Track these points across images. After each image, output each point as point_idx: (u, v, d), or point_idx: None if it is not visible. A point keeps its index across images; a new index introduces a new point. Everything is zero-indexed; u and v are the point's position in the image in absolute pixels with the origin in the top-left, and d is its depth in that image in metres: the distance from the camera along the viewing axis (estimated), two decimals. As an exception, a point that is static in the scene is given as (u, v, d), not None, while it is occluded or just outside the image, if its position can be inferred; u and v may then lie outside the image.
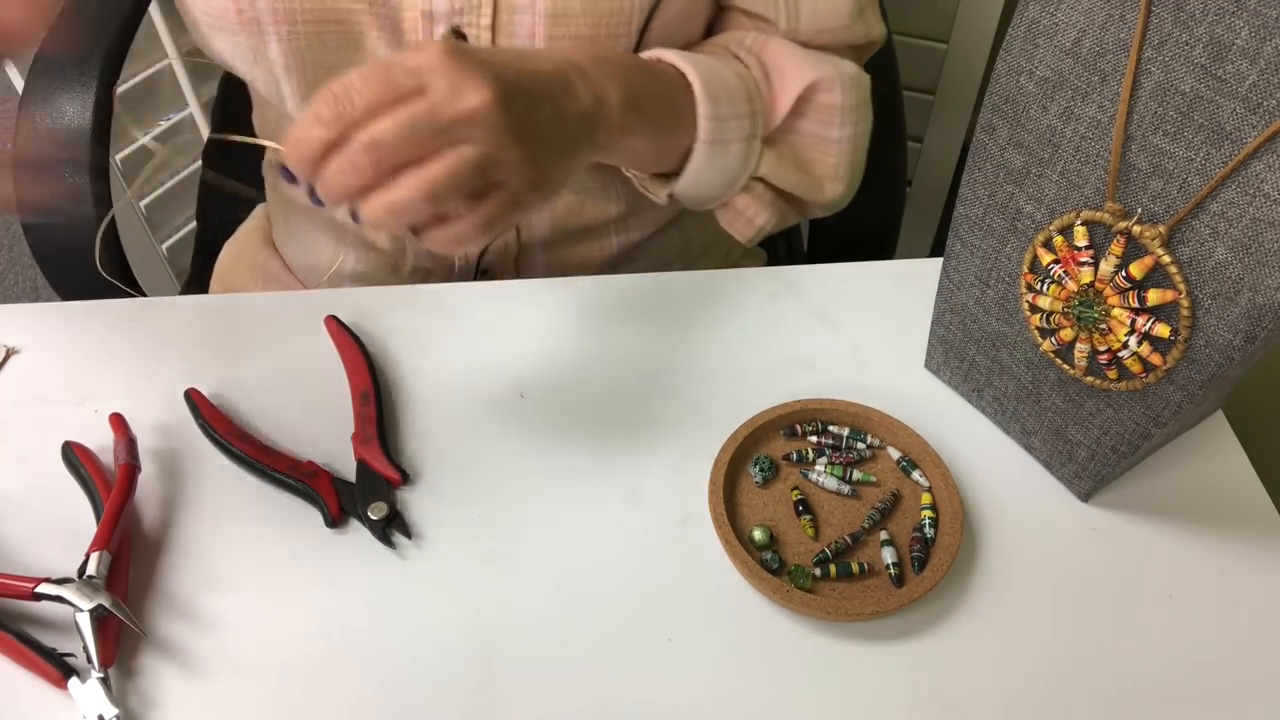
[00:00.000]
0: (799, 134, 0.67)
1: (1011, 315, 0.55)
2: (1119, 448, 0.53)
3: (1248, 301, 0.44)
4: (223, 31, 0.63)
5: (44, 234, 0.87)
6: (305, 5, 0.61)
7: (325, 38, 0.62)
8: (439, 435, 0.60)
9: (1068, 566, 0.54)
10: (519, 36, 0.62)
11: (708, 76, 0.61)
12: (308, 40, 0.62)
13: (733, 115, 0.62)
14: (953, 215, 0.56)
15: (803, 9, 0.66)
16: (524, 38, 0.62)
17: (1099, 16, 0.46)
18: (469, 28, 0.62)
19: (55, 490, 0.56)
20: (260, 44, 0.62)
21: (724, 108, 0.62)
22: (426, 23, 0.62)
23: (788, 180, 0.67)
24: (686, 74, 0.61)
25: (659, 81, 0.60)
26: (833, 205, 0.71)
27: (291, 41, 0.62)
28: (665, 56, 0.62)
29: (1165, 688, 0.50)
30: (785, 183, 0.67)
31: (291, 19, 0.61)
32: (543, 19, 0.61)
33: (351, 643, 0.51)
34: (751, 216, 0.68)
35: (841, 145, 0.67)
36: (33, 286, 1.77)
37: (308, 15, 0.61)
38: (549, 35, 0.61)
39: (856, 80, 0.67)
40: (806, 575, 0.52)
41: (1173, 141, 0.44)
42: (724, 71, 0.63)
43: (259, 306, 0.67)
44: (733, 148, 0.63)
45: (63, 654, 0.48)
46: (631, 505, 0.56)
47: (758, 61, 0.66)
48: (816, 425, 0.60)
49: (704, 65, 0.62)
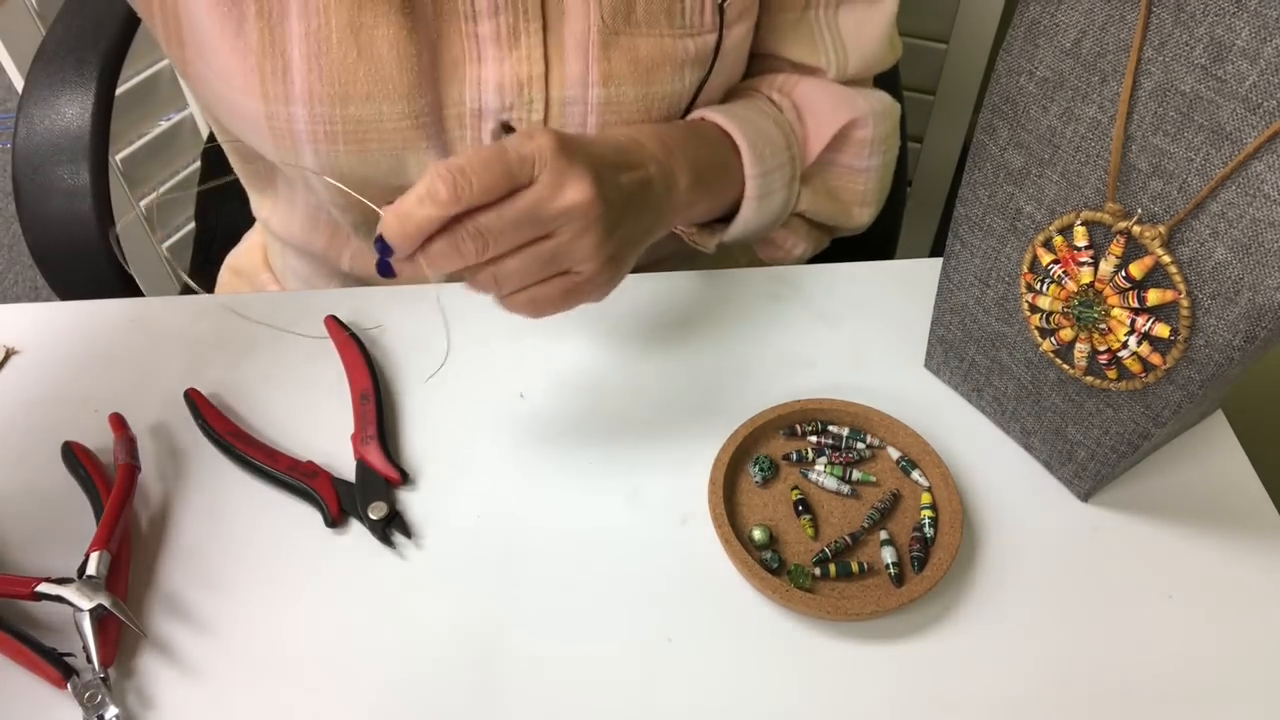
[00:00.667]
0: (832, 166, 0.69)
1: (1011, 315, 0.55)
2: (1119, 448, 0.53)
3: (1248, 301, 0.44)
4: (249, 136, 0.61)
5: (44, 234, 0.87)
6: (349, 128, 0.58)
7: (368, 154, 0.60)
8: (439, 435, 0.60)
9: (1068, 566, 0.54)
10: (570, 127, 0.61)
11: (753, 136, 0.62)
12: (347, 156, 0.60)
13: (776, 167, 0.64)
14: (953, 215, 0.56)
15: (850, 53, 0.67)
16: (575, 128, 0.61)
17: (1099, 17, 0.46)
18: (519, 123, 0.61)
19: (55, 490, 0.56)
20: (293, 153, 0.60)
21: (768, 162, 0.63)
22: (475, 120, 0.60)
23: (822, 212, 0.69)
24: (733, 135, 0.62)
25: (713, 150, 0.62)
26: (861, 228, 0.74)
27: (331, 157, 0.59)
28: (709, 116, 0.63)
29: (1165, 687, 0.50)
30: (820, 215, 0.70)
31: (333, 139, 0.58)
32: (595, 109, 0.61)
33: (351, 643, 0.51)
34: (790, 248, 0.72)
35: (870, 174, 0.70)
36: (33, 286, 1.77)
37: (351, 136, 0.58)
38: (601, 123, 0.61)
39: (887, 113, 0.69)
40: (806, 575, 0.52)
41: (1173, 142, 0.44)
42: (764, 124, 0.64)
43: (259, 306, 0.67)
44: (776, 196, 0.65)
45: (63, 654, 0.48)
46: (631, 505, 0.56)
47: (791, 104, 0.67)
48: (816, 425, 0.60)
49: (748, 123, 0.63)
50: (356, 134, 0.59)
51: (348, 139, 0.59)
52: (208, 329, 0.65)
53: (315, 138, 0.58)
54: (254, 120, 0.59)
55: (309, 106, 0.57)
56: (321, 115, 0.57)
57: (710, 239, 0.66)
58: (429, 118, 0.60)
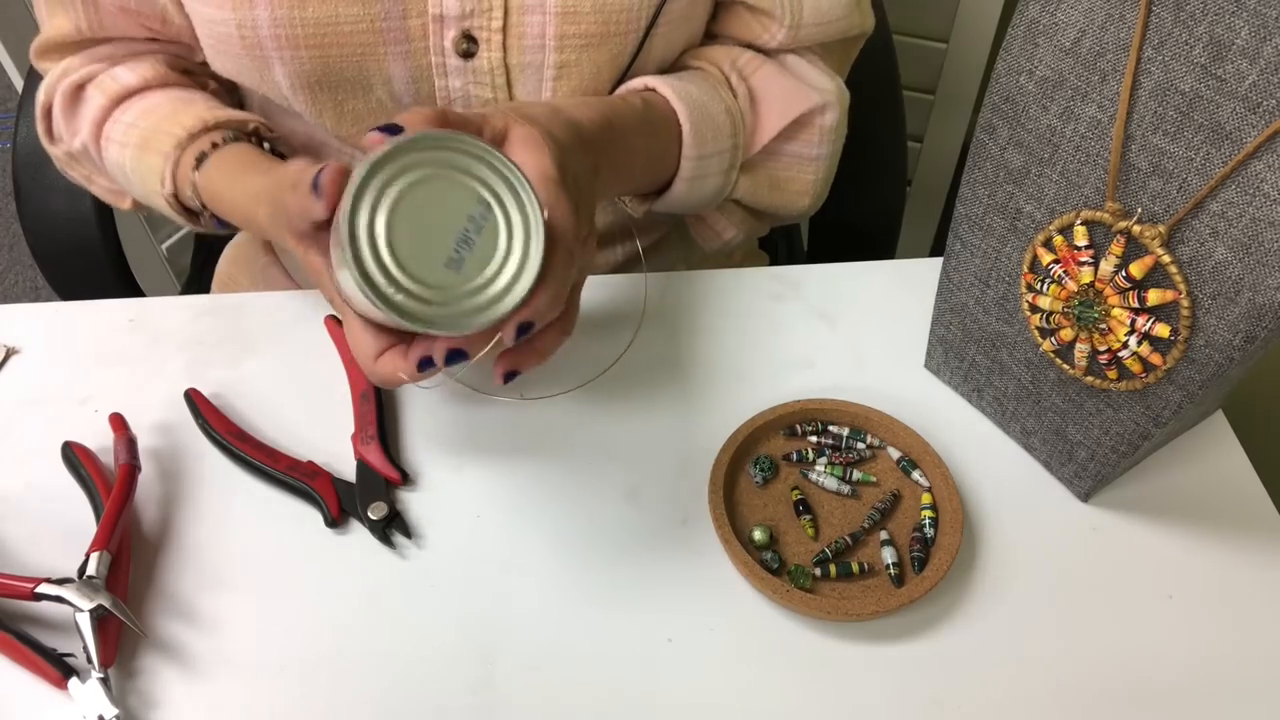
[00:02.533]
0: (779, 156, 0.69)
1: (1011, 315, 0.55)
2: (1119, 448, 0.53)
3: (1248, 301, 0.44)
4: (227, 55, 0.63)
5: (45, 233, 0.87)
6: (308, 30, 0.60)
7: (329, 60, 0.61)
8: (439, 435, 0.60)
9: (1068, 566, 0.54)
10: (529, 36, 0.62)
11: (699, 119, 0.64)
12: (312, 64, 0.61)
13: (715, 153, 0.65)
14: (953, 215, 0.56)
15: (805, 2, 0.66)
16: (534, 36, 0.62)
17: (1099, 16, 0.46)
18: (480, 30, 0.62)
19: (55, 490, 0.56)
20: (265, 67, 0.62)
21: (708, 147, 0.64)
22: (437, 26, 0.61)
23: (760, 200, 0.70)
24: (679, 115, 0.63)
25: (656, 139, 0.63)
26: (801, 217, 0.75)
27: (295, 65, 0.61)
28: (661, 89, 0.63)
29: (1165, 687, 0.50)
30: (758, 203, 0.70)
31: (295, 44, 0.60)
32: (554, 18, 0.61)
33: (351, 643, 0.51)
34: (720, 231, 0.72)
35: (819, 163, 0.70)
36: (33, 286, 1.77)
37: (311, 40, 0.60)
38: (559, 33, 0.62)
39: (838, 101, 0.69)
40: (806, 575, 0.52)
41: (1173, 141, 0.44)
42: (714, 108, 0.65)
43: (259, 306, 0.67)
44: (710, 180, 0.66)
45: (63, 654, 0.48)
46: (631, 505, 0.56)
47: (747, 89, 0.68)
48: (816, 425, 0.60)
49: (696, 105, 0.64)
50: (315, 37, 0.60)
51: (308, 43, 0.60)
52: (208, 329, 0.65)
53: (279, 43, 0.60)
54: (229, 37, 0.61)
55: (270, 10, 0.59)
56: (282, 19, 0.59)
57: (640, 205, 0.68)
58: (387, 23, 0.61)
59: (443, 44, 0.62)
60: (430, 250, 0.42)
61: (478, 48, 0.62)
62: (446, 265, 0.42)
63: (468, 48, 0.62)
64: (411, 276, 0.42)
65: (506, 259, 0.43)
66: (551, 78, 0.63)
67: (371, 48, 0.61)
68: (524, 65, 0.63)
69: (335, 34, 0.60)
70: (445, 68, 0.63)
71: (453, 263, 0.43)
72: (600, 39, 0.62)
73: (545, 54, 0.62)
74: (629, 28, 0.63)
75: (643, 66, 0.66)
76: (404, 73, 0.63)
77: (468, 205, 0.43)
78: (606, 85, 0.65)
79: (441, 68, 0.63)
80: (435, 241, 0.42)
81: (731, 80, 0.68)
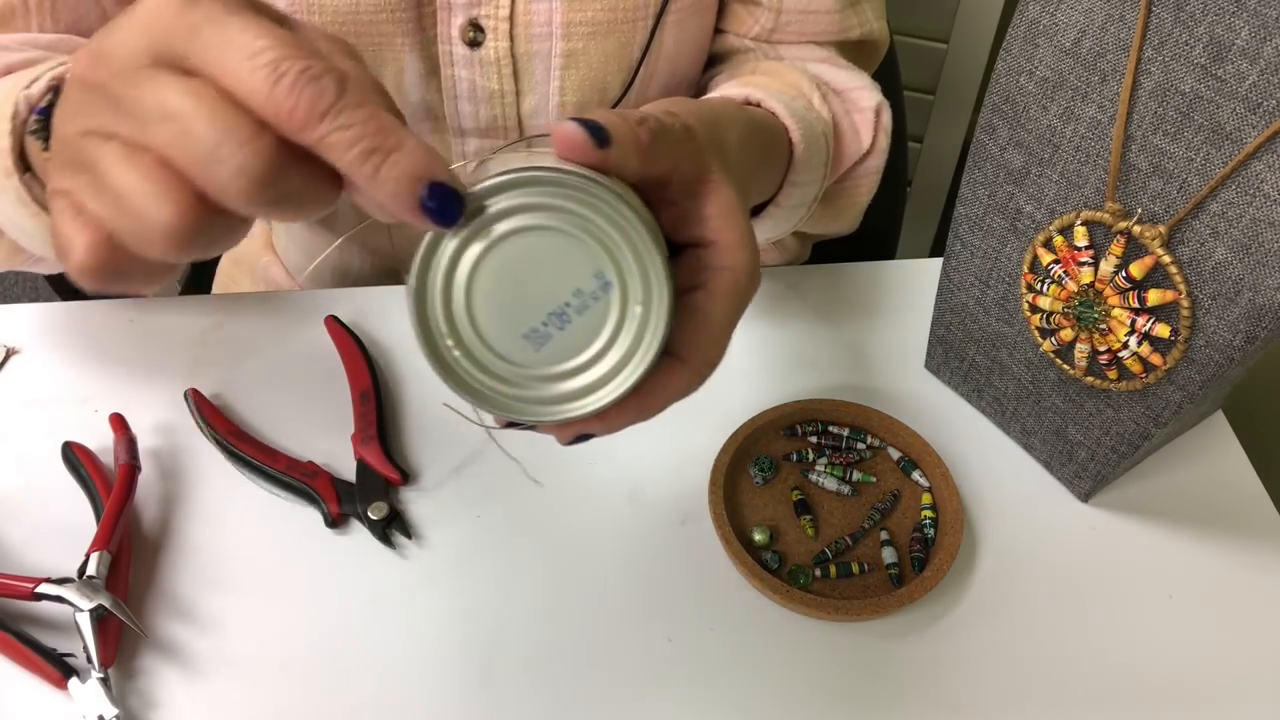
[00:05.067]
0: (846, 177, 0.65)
1: (1011, 315, 0.55)
2: (1119, 448, 0.53)
3: (1248, 301, 0.44)
4: None
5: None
6: (326, 19, 0.59)
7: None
8: (439, 435, 0.60)
9: (1068, 566, 0.54)
10: (536, 24, 0.62)
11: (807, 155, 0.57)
12: None
13: (811, 180, 0.59)
14: (953, 215, 0.56)
15: None
16: (542, 24, 0.62)
17: (1099, 16, 0.46)
18: (487, 19, 0.61)
19: (55, 490, 0.56)
20: None
21: (814, 173, 0.59)
22: (445, 14, 0.61)
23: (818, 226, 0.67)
24: (792, 136, 0.57)
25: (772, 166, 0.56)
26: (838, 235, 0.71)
27: None
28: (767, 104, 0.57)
29: (1165, 687, 0.50)
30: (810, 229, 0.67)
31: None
32: (561, 4, 0.61)
33: (351, 643, 0.51)
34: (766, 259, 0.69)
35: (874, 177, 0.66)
36: (33, 286, 1.77)
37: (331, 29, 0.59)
38: (566, 20, 0.61)
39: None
40: (806, 575, 0.52)
41: (1173, 141, 0.44)
42: (816, 131, 0.59)
43: (259, 306, 0.67)
44: (798, 211, 0.60)
45: (63, 654, 0.48)
46: (631, 505, 0.56)
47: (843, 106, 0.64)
48: (816, 425, 0.60)
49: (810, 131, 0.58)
50: (335, 25, 0.60)
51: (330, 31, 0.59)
52: (208, 329, 0.65)
53: None
54: None
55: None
56: (302, 6, 0.59)
57: None
58: (405, 14, 0.60)
59: (450, 32, 0.62)
60: (514, 314, 0.33)
61: (484, 37, 0.62)
62: (526, 337, 0.34)
63: (474, 36, 0.62)
64: (480, 336, 0.33)
65: (601, 356, 0.34)
66: (559, 67, 0.63)
67: (389, 37, 0.61)
68: (531, 54, 0.62)
69: (354, 23, 0.60)
70: (452, 57, 0.62)
71: (535, 336, 0.34)
72: (608, 26, 0.62)
73: (553, 42, 0.62)
74: (637, 15, 0.62)
75: (654, 59, 0.65)
76: (416, 64, 0.62)
77: (579, 277, 0.33)
78: (614, 76, 0.64)
79: (449, 57, 0.62)
80: (523, 306, 0.33)
81: (816, 103, 0.62)
